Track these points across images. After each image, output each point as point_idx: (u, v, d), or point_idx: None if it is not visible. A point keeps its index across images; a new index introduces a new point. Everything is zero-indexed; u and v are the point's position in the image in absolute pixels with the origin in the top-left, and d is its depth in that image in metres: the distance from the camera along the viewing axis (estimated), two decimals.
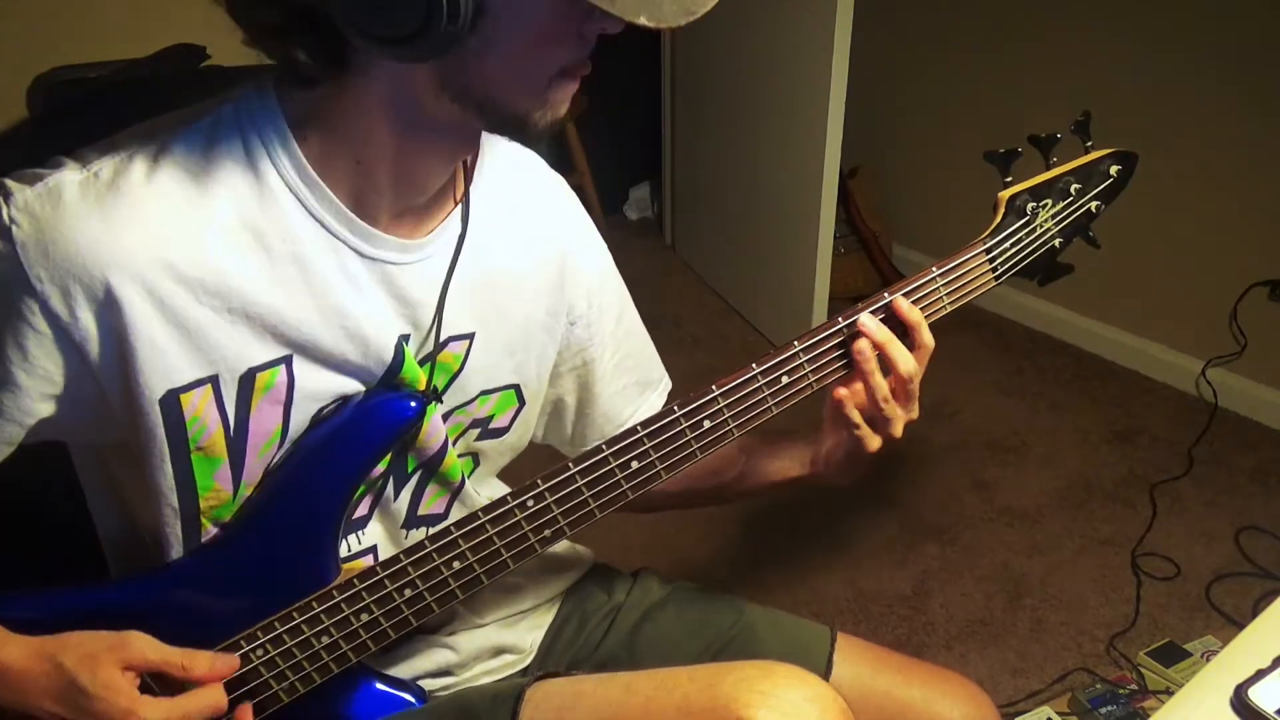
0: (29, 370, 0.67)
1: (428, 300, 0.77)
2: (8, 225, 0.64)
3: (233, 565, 0.77)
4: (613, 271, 0.94)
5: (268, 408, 0.73)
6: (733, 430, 0.82)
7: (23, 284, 0.64)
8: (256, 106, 0.69)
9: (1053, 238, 0.91)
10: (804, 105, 2.36)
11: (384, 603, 0.77)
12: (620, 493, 0.80)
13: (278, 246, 0.70)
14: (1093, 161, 0.92)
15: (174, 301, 0.67)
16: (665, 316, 2.85)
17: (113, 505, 0.81)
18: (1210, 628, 1.80)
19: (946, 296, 0.87)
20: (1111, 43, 2.39)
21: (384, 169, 0.71)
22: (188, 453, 0.72)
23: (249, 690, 0.77)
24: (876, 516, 2.11)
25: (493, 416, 0.87)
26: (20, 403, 0.68)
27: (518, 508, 0.78)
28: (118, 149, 0.68)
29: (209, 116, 0.70)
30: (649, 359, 0.99)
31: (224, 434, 0.72)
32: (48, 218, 0.64)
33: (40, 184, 0.65)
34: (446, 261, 0.77)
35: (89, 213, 0.65)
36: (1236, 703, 0.72)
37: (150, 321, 0.67)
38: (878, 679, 0.94)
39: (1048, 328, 2.75)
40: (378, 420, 0.76)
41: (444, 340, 0.79)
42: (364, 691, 0.83)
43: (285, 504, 0.76)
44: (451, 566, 0.78)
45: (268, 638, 0.76)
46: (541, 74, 0.66)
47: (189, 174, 0.68)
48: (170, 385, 0.69)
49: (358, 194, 0.72)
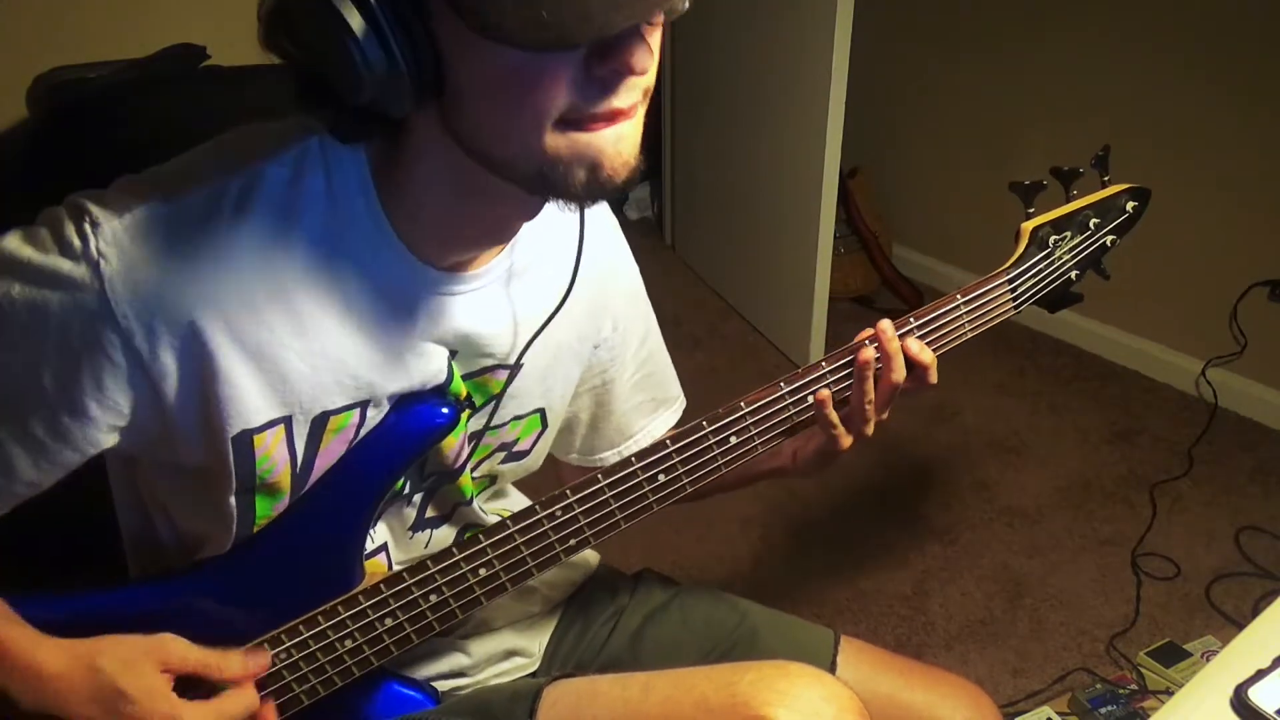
0: (101, 402, 0.66)
1: (477, 329, 0.76)
2: (96, 259, 0.62)
3: (259, 568, 0.77)
4: (642, 295, 0.94)
5: (336, 446, 0.73)
6: (758, 446, 0.83)
7: (108, 319, 0.63)
8: (342, 145, 0.67)
9: (1069, 269, 0.93)
10: (804, 105, 2.36)
11: (409, 608, 0.78)
12: (646, 505, 0.81)
13: (354, 293, 0.69)
14: (1111, 196, 0.94)
15: (256, 342, 0.67)
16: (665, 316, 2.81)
17: (139, 506, 0.81)
18: (1210, 628, 1.80)
19: (969, 324, 0.89)
20: (1111, 43, 2.39)
21: (448, 226, 0.70)
22: (254, 489, 0.72)
23: (271, 692, 0.77)
24: (877, 516, 2.11)
25: (518, 440, 0.87)
26: (88, 433, 0.67)
27: (546, 518, 0.78)
28: (204, 179, 0.66)
29: (295, 148, 0.68)
30: (668, 378, 0.99)
31: (290, 471, 0.72)
32: (138, 255, 0.63)
33: (128, 215, 0.64)
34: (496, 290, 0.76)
35: (180, 254, 0.64)
36: (1236, 703, 0.72)
37: (231, 361, 0.66)
38: (880, 682, 0.94)
39: (1048, 328, 2.75)
40: (411, 426, 0.75)
41: (490, 366, 0.79)
42: (381, 691, 0.84)
43: (316, 510, 0.76)
44: (478, 574, 0.78)
45: (292, 641, 0.76)
46: (530, 123, 0.59)
47: (276, 217, 0.66)
48: (246, 425, 0.69)
49: (425, 245, 0.70)
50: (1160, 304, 2.50)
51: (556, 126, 0.59)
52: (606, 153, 0.60)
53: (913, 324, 0.85)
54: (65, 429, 0.67)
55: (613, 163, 0.61)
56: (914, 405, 2.44)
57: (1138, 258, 2.45)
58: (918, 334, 0.86)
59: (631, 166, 0.62)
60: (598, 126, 0.60)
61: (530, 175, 0.61)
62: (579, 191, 0.61)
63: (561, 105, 0.58)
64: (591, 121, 0.59)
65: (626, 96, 0.59)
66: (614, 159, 0.61)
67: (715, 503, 2.08)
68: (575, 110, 0.59)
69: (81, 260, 0.63)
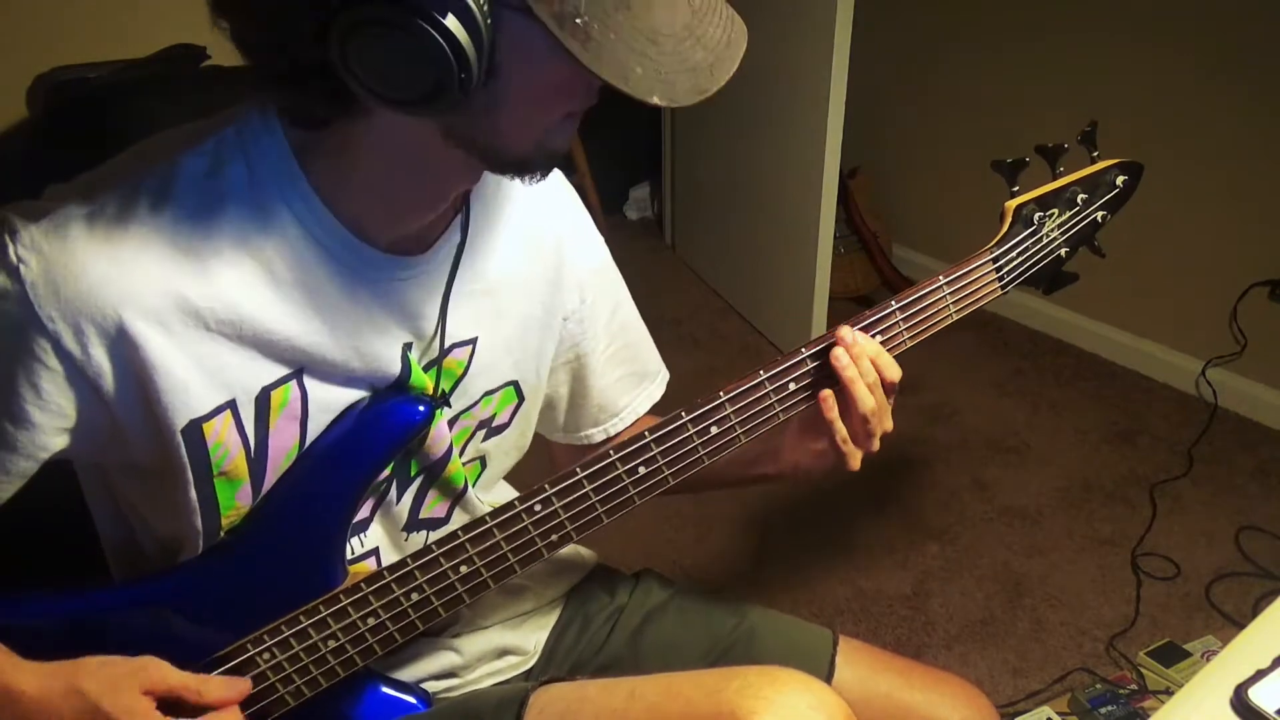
0: (43, 407, 0.67)
1: (429, 311, 0.77)
2: (15, 265, 0.63)
3: (240, 569, 0.76)
4: (609, 266, 0.94)
5: (285, 424, 0.73)
6: (740, 437, 0.82)
7: (34, 323, 0.64)
8: (261, 130, 0.69)
9: (1059, 247, 0.91)
10: (804, 105, 2.36)
11: (390, 607, 0.77)
12: (627, 498, 0.80)
13: (284, 274, 0.70)
14: (1099, 171, 0.92)
15: (186, 334, 0.67)
16: (665, 316, 2.85)
17: (118, 515, 0.81)
18: (1210, 628, 1.80)
19: (953, 305, 0.86)
20: (1112, 43, 2.40)
21: (388, 201, 0.71)
22: (211, 478, 0.72)
23: (256, 694, 0.77)
24: (877, 516, 2.11)
25: (495, 415, 0.87)
26: (35, 439, 0.68)
27: (525, 513, 0.77)
28: (121, 178, 0.67)
29: (211, 139, 0.69)
30: (646, 351, 0.99)
31: (245, 456, 0.73)
32: (56, 256, 0.63)
33: (46, 220, 0.64)
34: (447, 270, 0.77)
35: (97, 250, 0.64)
36: (1236, 703, 0.72)
37: (165, 355, 0.66)
38: (879, 682, 0.94)
39: (1048, 328, 2.75)
40: (386, 425, 0.76)
41: (448, 347, 0.80)
42: (369, 695, 0.83)
43: (293, 509, 0.76)
44: (459, 571, 0.78)
45: (274, 641, 0.76)
46: (547, 123, 0.65)
47: (195, 205, 0.67)
48: (192, 415, 0.69)
49: (361, 220, 0.71)
50: (1160, 304, 2.50)
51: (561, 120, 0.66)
52: (569, 138, 0.68)
53: (893, 306, 0.83)
54: (12, 439, 0.68)
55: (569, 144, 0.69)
56: (914, 405, 2.44)
57: (1138, 258, 2.46)
58: (900, 315, 0.84)
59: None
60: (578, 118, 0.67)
61: (516, 160, 0.67)
62: (539, 166, 0.68)
63: (572, 106, 0.65)
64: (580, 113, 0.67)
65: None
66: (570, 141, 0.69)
67: (715, 503, 2.09)
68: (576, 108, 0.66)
69: (1, 269, 0.63)
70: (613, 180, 3.49)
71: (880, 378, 0.81)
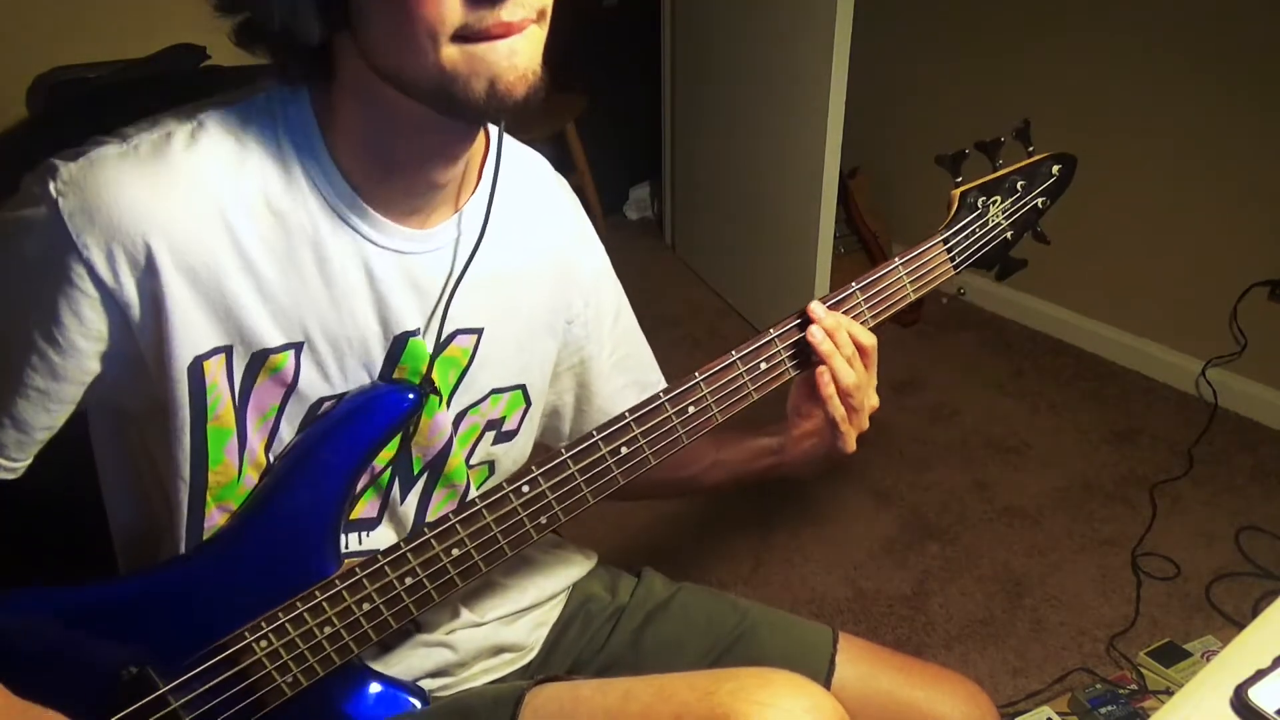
0: (85, 334, 0.70)
1: (433, 290, 0.79)
2: (55, 198, 0.67)
3: (237, 559, 0.77)
4: (608, 272, 0.95)
5: (271, 387, 0.75)
6: (716, 415, 0.86)
7: (71, 250, 0.67)
8: (288, 96, 0.72)
9: (1004, 231, 0.99)
10: (804, 105, 2.36)
11: (385, 591, 0.79)
12: (611, 478, 0.82)
13: (297, 232, 0.72)
14: (1036, 163, 1.01)
15: (201, 269, 0.70)
16: (665, 316, 2.85)
17: (128, 485, 0.83)
18: (1210, 628, 1.80)
19: (910, 284, 0.93)
20: (1111, 42, 2.40)
21: (382, 159, 0.73)
22: (205, 423, 0.74)
23: (253, 682, 0.77)
24: (877, 516, 2.11)
25: (504, 418, 0.88)
26: (82, 364, 0.71)
27: (513, 494, 0.79)
28: (156, 125, 0.71)
29: (243, 102, 0.73)
30: (646, 361, 1.01)
31: (231, 404, 0.74)
32: (90, 186, 0.67)
33: (83, 157, 0.68)
34: (453, 254, 0.79)
35: (131, 177, 0.67)
36: (1236, 703, 0.72)
37: (179, 286, 0.69)
38: (879, 679, 0.94)
39: (1048, 328, 2.75)
40: (376, 411, 0.77)
41: (451, 333, 0.81)
42: (366, 694, 0.83)
43: (286, 496, 0.77)
44: (450, 554, 0.79)
45: (271, 628, 0.77)
46: (426, 37, 0.62)
47: (225, 151, 0.71)
48: (195, 351, 0.71)
49: (370, 186, 0.74)
50: (1160, 304, 2.50)
51: (453, 41, 0.62)
52: (500, 65, 0.64)
53: (855, 288, 0.89)
54: (61, 369, 0.71)
55: (508, 76, 0.64)
56: (914, 405, 2.44)
57: (1138, 258, 2.46)
58: (861, 295, 0.90)
59: (530, 82, 0.65)
60: (490, 40, 0.63)
61: (433, 91, 0.65)
62: (481, 105, 0.64)
63: (454, 20, 0.62)
64: (484, 37, 0.63)
65: (514, 10, 0.63)
66: (509, 72, 0.64)
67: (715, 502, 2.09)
68: (467, 26, 0.62)
69: (42, 203, 0.67)
70: (613, 180, 3.49)
71: (856, 345, 0.86)
